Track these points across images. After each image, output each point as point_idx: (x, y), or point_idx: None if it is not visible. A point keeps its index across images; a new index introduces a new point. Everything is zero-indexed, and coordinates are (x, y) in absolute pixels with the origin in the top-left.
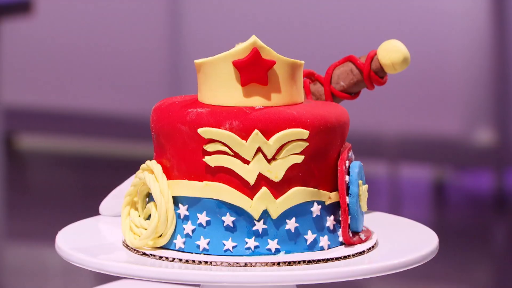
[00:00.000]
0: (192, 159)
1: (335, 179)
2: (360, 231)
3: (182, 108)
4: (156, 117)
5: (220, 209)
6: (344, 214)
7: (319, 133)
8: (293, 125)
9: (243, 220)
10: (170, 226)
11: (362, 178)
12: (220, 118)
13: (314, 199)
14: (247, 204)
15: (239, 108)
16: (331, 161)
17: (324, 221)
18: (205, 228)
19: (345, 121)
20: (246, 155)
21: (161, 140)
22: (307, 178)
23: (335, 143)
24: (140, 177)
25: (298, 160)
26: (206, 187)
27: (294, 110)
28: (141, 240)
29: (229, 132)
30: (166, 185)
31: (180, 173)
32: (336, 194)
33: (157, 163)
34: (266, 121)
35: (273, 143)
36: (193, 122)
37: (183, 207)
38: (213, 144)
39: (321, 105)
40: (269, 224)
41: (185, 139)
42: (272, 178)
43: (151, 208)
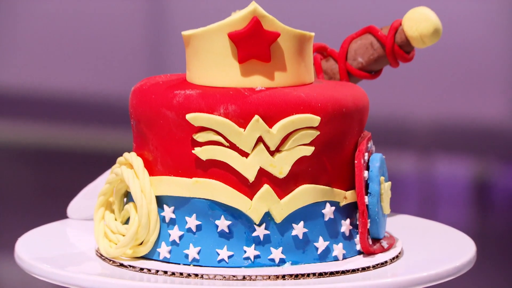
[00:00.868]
0: (180, 151)
1: (351, 175)
2: (381, 238)
3: (167, 90)
4: (135, 100)
5: (213, 211)
6: (363, 217)
7: (333, 119)
8: (301, 110)
9: (241, 224)
10: (153, 232)
11: (384, 174)
12: (213, 102)
13: (326, 199)
14: (246, 205)
15: (236, 89)
16: (347, 154)
17: (339, 225)
18: (195, 234)
19: (364, 105)
20: (244, 146)
21: (142, 128)
22: (318, 174)
23: (352, 131)
24: (116, 173)
25: (307, 152)
26: (196, 184)
27: (302, 92)
28: (118, 249)
29: (224, 118)
30: (148, 183)
31: (165, 168)
32: (352, 193)
33: (137, 155)
34: (269, 105)
35: (276, 131)
36: (180, 106)
37: (169, 208)
38: (204, 133)
39: (334, 86)
40: (272, 229)
41: (171, 127)
42: (275, 174)
43: (130, 210)
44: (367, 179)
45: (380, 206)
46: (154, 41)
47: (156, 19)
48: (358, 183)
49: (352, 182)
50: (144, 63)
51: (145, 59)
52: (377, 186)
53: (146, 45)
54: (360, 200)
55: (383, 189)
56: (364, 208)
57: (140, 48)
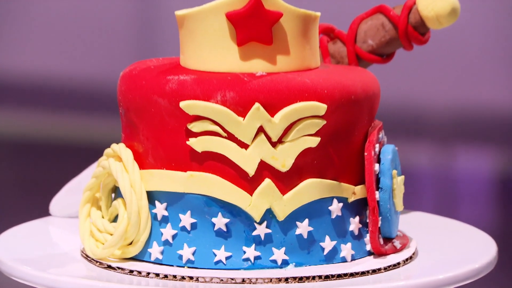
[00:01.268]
0: (173, 142)
1: (361, 169)
2: (394, 237)
3: (159, 75)
4: (124, 87)
5: (209, 208)
6: (373, 215)
7: (340, 107)
8: (306, 97)
9: (240, 222)
10: (144, 231)
11: (396, 167)
12: (209, 88)
13: (333, 195)
14: (245, 201)
15: (235, 75)
16: (356, 145)
17: (347, 224)
18: (190, 233)
19: (375, 92)
20: (243, 136)
21: (131, 117)
22: (324, 167)
23: (361, 121)
24: (103, 166)
25: (312, 144)
26: (191, 179)
27: (307, 78)
28: (105, 249)
29: (221, 106)
30: (138, 177)
31: (157, 160)
32: (362, 188)
33: (126, 147)
34: (270, 91)
35: (279, 121)
36: (173, 93)
37: (161, 205)
38: (200, 123)
39: (342, 70)
40: (274, 227)
41: (163, 116)
42: (278, 167)
43: (119, 206)
44: (378, 173)
45: (392, 202)
46: (145, 22)
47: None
48: (368, 177)
49: (362, 176)
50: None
51: (135, 42)
52: (389, 180)
53: (136, 26)
54: (370, 196)
55: (395, 184)
56: (375, 205)
57: (129, 29)
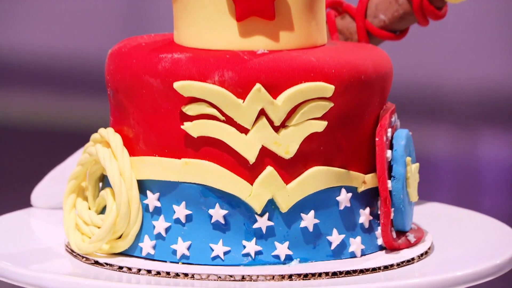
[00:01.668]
0: (166, 127)
1: (371, 156)
2: (408, 230)
3: (151, 53)
4: (113, 66)
5: (206, 198)
6: (385, 206)
7: (349, 88)
8: (312, 77)
9: (239, 214)
10: (134, 223)
11: (411, 154)
12: (205, 67)
13: (341, 184)
14: (245, 191)
15: (234, 52)
16: (366, 130)
17: (356, 215)
18: (185, 226)
19: (387, 71)
20: (243, 120)
21: (120, 99)
22: (331, 154)
23: (372, 103)
24: (90, 153)
25: (318, 128)
26: (186, 166)
27: (313, 56)
28: (92, 243)
29: (219, 87)
30: (128, 164)
31: (149, 146)
32: (373, 176)
33: (115, 132)
34: (273, 71)
35: (282, 103)
36: (166, 73)
37: (153, 195)
38: (195, 105)
39: (351, 48)
40: (277, 220)
41: (156, 98)
42: (281, 154)
43: (107, 197)
44: (391, 160)
45: (406, 192)
46: None
47: None
48: (379, 164)
49: (373, 163)
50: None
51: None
52: (402, 168)
53: None
54: (382, 185)
55: (409, 172)
56: (387, 195)
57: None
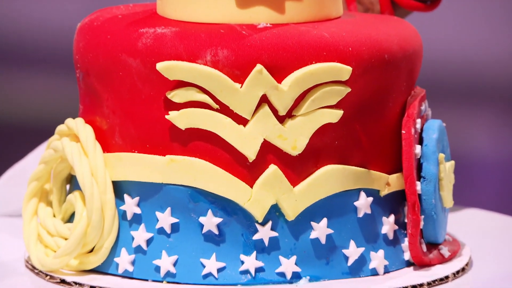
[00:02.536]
0: (147, 117)
1: (397, 152)
2: (441, 243)
3: (129, 27)
4: (83, 42)
5: (196, 203)
6: (414, 213)
7: (370, 70)
8: (324, 57)
9: (237, 223)
10: (109, 234)
11: (444, 150)
12: (196, 45)
13: (360, 187)
14: (244, 195)
15: (230, 27)
16: (391, 120)
17: (378, 224)
18: (170, 237)
19: (415, 50)
20: (241, 109)
21: (92, 83)
22: (348, 150)
23: (398, 88)
24: (55, 148)
25: (332, 118)
26: (172, 165)
27: (326, 31)
28: (57, 258)
29: (212, 69)
30: (101, 162)
31: (126, 141)
32: (399, 177)
33: (85, 123)
34: (277, 49)
35: (288, 88)
36: (148, 51)
37: (132, 200)
38: (183, 90)
39: (373, 21)
40: (282, 230)
41: (135, 82)
42: (287, 149)
43: (75, 202)
44: (420, 157)
45: (438, 196)
46: None
47: None
48: (406, 162)
49: (398, 161)
50: None
51: None
52: (434, 167)
53: None
54: (409, 188)
55: (443, 172)
56: (416, 200)
57: None
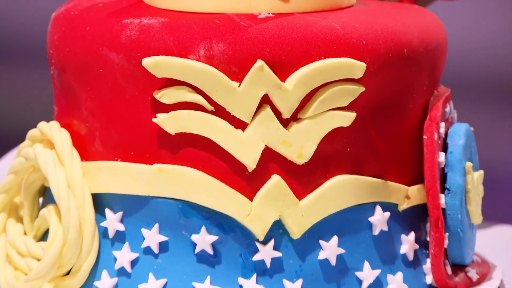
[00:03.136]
0: (132, 120)
1: (417, 160)
2: (468, 264)
3: (111, 18)
4: (58, 35)
5: (187, 219)
6: (437, 230)
7: (386, 67)
8: (334, 52)
9: (234, 241)
10: (87, 254)
11: (472, 158)
12: (187, 37)
13: (376, 200)
14: (242, 209)
15: (226, 16)
16: (410, 124)
17: (396, 243)
18: (158, 258)
19: (439, 44)
20: (239, 111)
21: (69, 81)
22: (362, 158)
23: (419, 87)
24: (26, 156)
25: (344, 122)
26: (160, 175)
27: (337, 21)
28: (29, 282)
29: (206, 65)
30: (79, 172)
31: (108, 147)
32: (420, 189)
33: (61, 127)
34: (280, 42)
35: (293, 87)
36: (133, 45)
37: (114, 215)
38: (173, 90)
39: (389, 11)
40: (287, 249)
41: (118, 80)
42: (292, 157)
43: (50, 217)
44: (444, 166)
45: (465, 211)
46: None
47: None
48: (429, 172)
49: (419, 171)
50: None
51: None
52: (460, 177)
53: None
54: (432, 202)
55: (470, 183)
56: (439, 215)
57: None
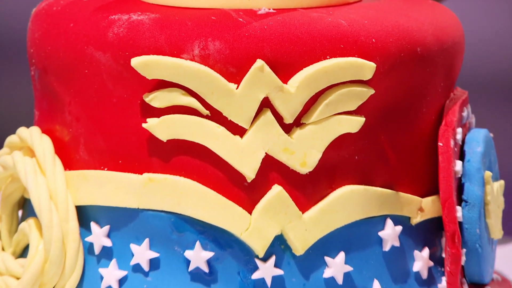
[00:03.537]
0: (120, 126)
1: (432, 169)
2: (487, 283)
3: (97, 14)
4: (39, 32)
5: (180, 234)
6: (453, 246)
7: (398, 67)
8: (341, 51)
9: (231, 258)
10: (72, 272)
11: (492, 167)
12: (180, 35)
13: (386, 213)
14: (241, 223)
15: (223, 12)
16: (424, 130)
17: (409, 260)
18: (149, 276)
19: (455, 42)
20: (237, 115)
21: (51, 83)
22: (371, 167)
23: (433, 89)
24: (4, 165)
25: (351, 127)
26: (151, 186)
27: (343, 18)
28: None
29: (201, 65)
30: (62, 182)
31: (94, 155)
32: (434, 201)
33: (42, 133)
34: (282, 41)
35: (296, 90)
36: (121, 43)
37: (100, 230)
38: (165, 92)
39: (401, 5)
40: (289, 267)
41: (105, 81)
42: (294, 166)
43: (30, 231)
44: (461, 176)
45: (484, 225)
46: None
47: None
48: (444, 183)
49: (434, 181)
50: None
51: None
52: (478, 188)
53: None
54: (448, 214)
55: (489, 194)
56: (456, 229)
57: None
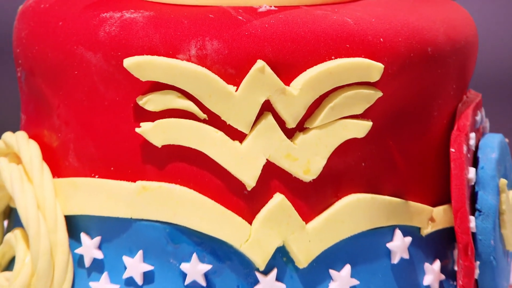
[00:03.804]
0: (112, 131)
1: (443, 177)
2: None
3: (87, 11)
4: (26, 31)
5: (176, 245)
6: (466, 258)
7: (407, 68)
8: (347, 51)
9: (230, 271)
10: (60, 286)
11: (507, 174)
12: (176, 34)
13: (395, 223)
14: (240, 234)
15: (222, 10)
16: (435, 135)
17: (419, 273)
18: None
19: (468, 41)
20: (237, 120)
21: (38, 85)
22: (378, 175)
23: (445, 91)
24: None
25: (358, 132)
26: (145, 195)
27: (349, 16)
28: None
29: (198, 66)
30: (51, 191)
31: (84, 162)
32: (446, 210)
33: (29, 138)
34: (284, 40)
35: (300, 92)
36: (113, 42)
37: (91, 241)
38: (160, 95)
39: (412, 3)
40: (292, 280)
41: (96, 83)
42: (297, 173)
43: (16, 243)
44: (475, 184)
45: (499, 236)
46: None
47: None
48: (456, 191)
49: (445, 189)
50: None
51: None
52: (493, 197)
53: None
54: (460, 225)
55: (505, 204)
56: (469, 240)
57: None
